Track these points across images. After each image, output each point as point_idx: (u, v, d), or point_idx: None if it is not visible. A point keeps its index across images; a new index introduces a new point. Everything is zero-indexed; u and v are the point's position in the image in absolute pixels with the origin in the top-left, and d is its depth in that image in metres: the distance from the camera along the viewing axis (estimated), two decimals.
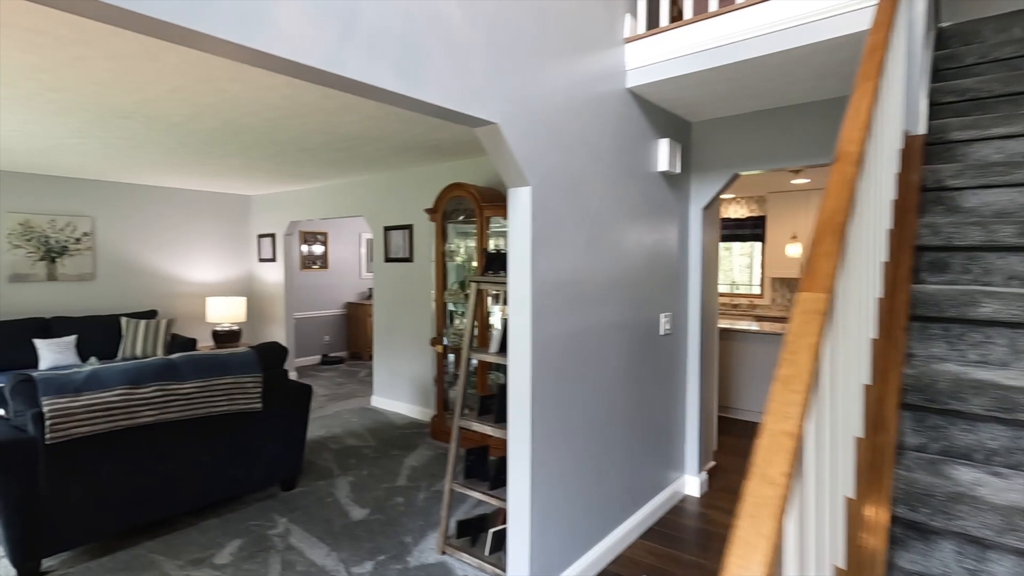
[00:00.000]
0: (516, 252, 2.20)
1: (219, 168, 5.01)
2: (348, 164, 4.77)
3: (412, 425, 4.88)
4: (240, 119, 3.29)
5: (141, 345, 5.47)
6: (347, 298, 8.25)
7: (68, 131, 3.59)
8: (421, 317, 5.05)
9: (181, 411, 2.91)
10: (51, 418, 2.48)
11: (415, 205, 5.08)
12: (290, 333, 6.74)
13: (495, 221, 4.18)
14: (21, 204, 5.34)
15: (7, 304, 5.27)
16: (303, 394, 3.50)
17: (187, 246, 6.54)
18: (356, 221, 8.24)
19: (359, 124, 3.43)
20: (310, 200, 6.28)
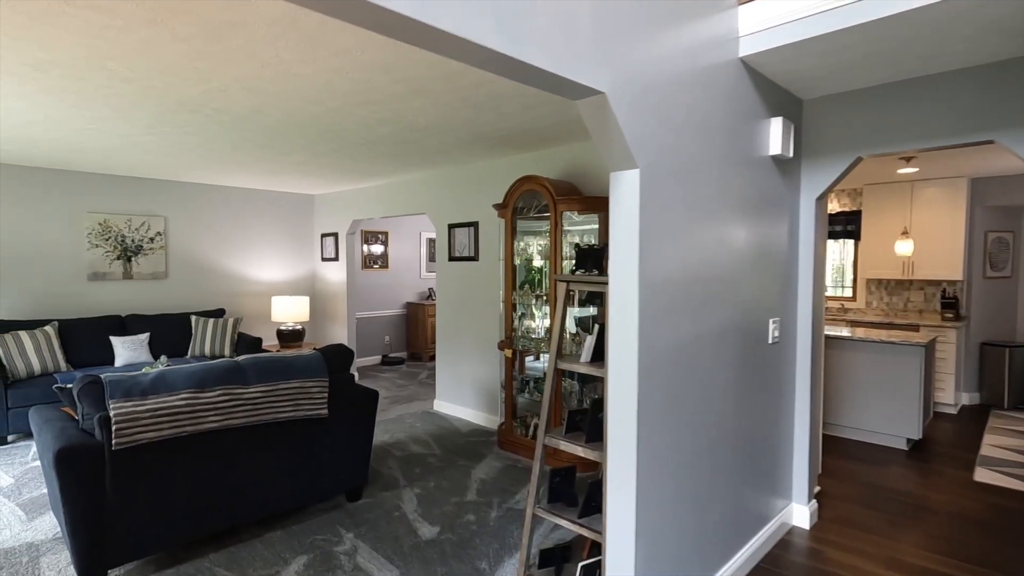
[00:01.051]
0: (620, 246, 1.88)
1: (283, 165, 4.94)
2: (412, 158, 4.58)
3: (477, 433, 4.63)
4: (306, 108, 3.12)
5: (209, 344, 5.50)
6: (407, 298, 8.15)
7: (139, 127, 3.55)
8: (487, 319, 4.80)
9: (246, 417, 2.76)
10: (117, 423, 2.37)
11: (481, 201, 4.84)
12: (352, 333, 6.67)
13: (567, 217, 3.86)
14: (100, 204, 5.47)
15: (87, 302, 5.41)
16: (369, 400, 3.30)
17: (253, 245, 6.58)
18: (416, 220, 8.12)
19: (428, 112, 3.20)
20: (373, 198, 6.17)
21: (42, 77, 2.60)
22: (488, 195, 4.77)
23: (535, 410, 4.31)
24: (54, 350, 4.71)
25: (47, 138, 3.87)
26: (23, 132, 3.68)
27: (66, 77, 2.61)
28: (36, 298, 5.12)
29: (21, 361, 4.48)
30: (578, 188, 4.02)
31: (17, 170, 5.00)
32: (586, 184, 4.03)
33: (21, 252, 5.04)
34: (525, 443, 4.07)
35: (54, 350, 4.71)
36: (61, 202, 5.24)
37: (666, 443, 2.01)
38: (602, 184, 3.93)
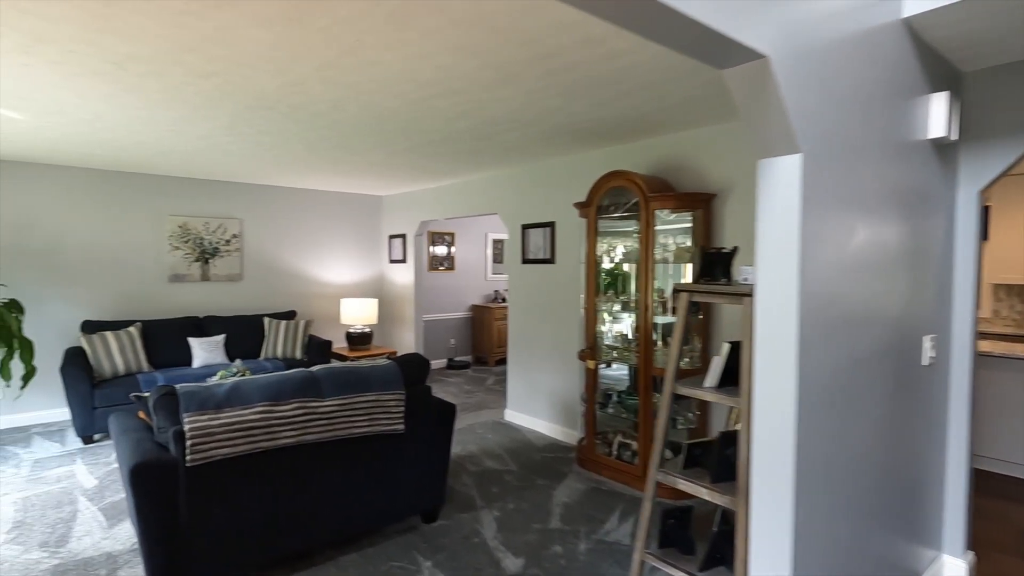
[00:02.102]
0: (772, 248, 1.52)
1: (356, 166, 4.83)
2: (487, 156, 4.34)
3: (554, 448, 4.33)
4: (384, 103, 2.92)
5: (281, 346, 5.48)
6: (472, 300, 7.96)
7: (218, 127, 3.48)
8: (564, 325, 4.49)
9: (321, 432, 2.58)
10: (192, 437, 2.23)
11: (558, 200, 4.53)
12: (419, 336, 6.53)
13: (657, 217, 3.49)
14: (181, 207, 5.57)
15: (167, 303, 5.52)
16: (447, 413, 3.07)
17: (323, 247, 6.57)
18: (482, 221, 7.92)
19: (512, 102, 2.92)
20: (441, 198, 6.00)
21: (124, 75, 2.52)
22: (566, 193, 4.46)
23: (618, 426, 3.96)
24: (137, 351, 4.79)
25: (133, 141, 3.89)
26: (110, 136, 3.71)
27: (146, 74, 2.51)
28: (121, 299, 5.26)
29: (107, 361, 4.57)
30: (670, 184, 3.64)
31: (107, 175, 5.14)
32: (679, 180, 3.64)
33: (109, 254, 5.18)
34: (609, 463, 3.73)
35: (137, 351, 4.79)
36: (145, 206, 5.36)
37: (825, 492, 1.63)
38: (698, 179, 3.53)
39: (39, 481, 3.59)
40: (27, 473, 3.73)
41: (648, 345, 3.46)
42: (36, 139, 3.81)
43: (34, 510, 3.19)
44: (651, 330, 3.45)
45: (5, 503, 3.28)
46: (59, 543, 2.82)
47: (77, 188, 5.00)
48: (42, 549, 2.76)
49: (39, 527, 2.98)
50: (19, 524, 3.02)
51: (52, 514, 3.14)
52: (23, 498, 3.34)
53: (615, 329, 4.05)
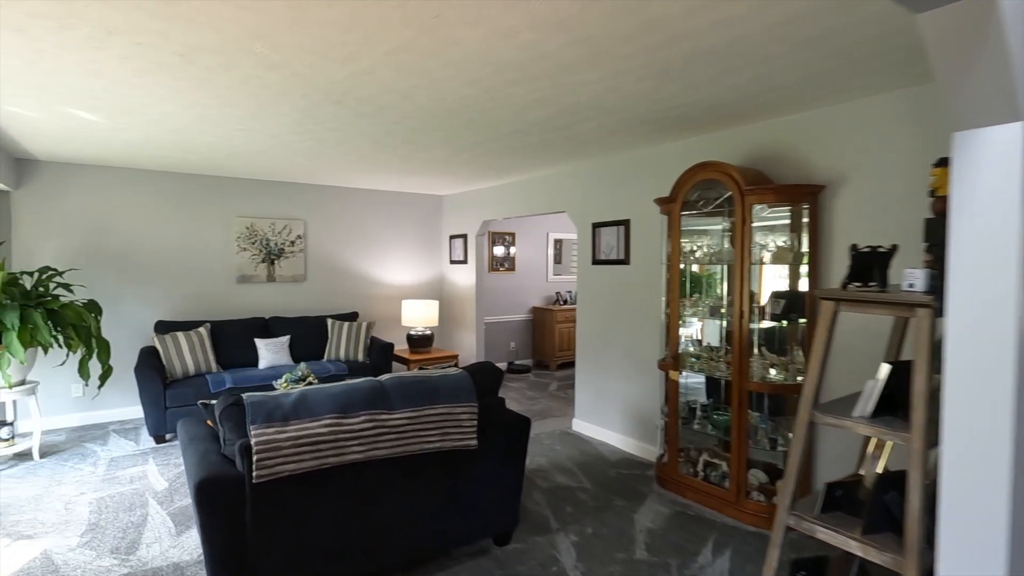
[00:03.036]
0: (974, 247, 1.18)
1: (420, 164, 4.68)
2: (558, 150, 4.07)
3: (629, 463, 4.01)
4: (457, 91, 2.71)
5: (344, 348, 5.41)
6: (533, 302, 7.71)
7: (285, 124, 3.38)
8: (640, 331, 4.16)
9: (390, 447, 2.39)
10: (258, 452, 2.08)
11: (633, 196, 4.21)
12: (480, 339, 6.34)
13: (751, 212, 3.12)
14: (248, 209, 5.61)
15: (235, 304, 5.57)
16: (521, 428, 2.82)
17: (384, 248, 6.50)
18: (544, 220, 7.66)
19: (597, 86, 2.64)
20: (504, 197, 5.78)
21: (191, 69, 2.42)
22: (643, 189, 4.12)
23: (703, 443, 3.60)
24: (206, 350, 4.83)
25: (203, 142, 3.87)
26: (180, 137, 3.69)
27: (213, 67, 2.40)
28: (191, 300, 5.34)
29: (178, 361, 4.62)
30: (767, 176, 3.26)
31: (179, 177, 5.22)
32: (776, 171, 3.25)
33: (181, 256, 5.27)
34: (694, 485, 3.38)
35: (206, 350, 4.83)
36: (215, 207, 5.42)
37: None
38: (799, 170, 3.13)
39: (113, 481, 3.61)
40: (103, 472, 3.77)
41: (743, 355, 3.09)
42: (112, 141, 3.85)
43: (108, 512, 3.18)
44: (747, 338, 3.08)
45: (82, 503, 3.29)
46: (129, 549, 2.77)
47: (152, 191, 5.10)
48: (113, 556, 2.71)
49: (111, 531, 2.96)
50: (93, 527, 3.00)
51: (124, 517, 3.11)
52: (98, 499, 3.36)
53: (699, 336, 3.69)
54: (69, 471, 3.79)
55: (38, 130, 3.55)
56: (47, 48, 2.20)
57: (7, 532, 2.95)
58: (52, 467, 3.86)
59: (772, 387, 3.10)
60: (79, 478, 3.67)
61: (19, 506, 3.25)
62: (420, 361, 5.72)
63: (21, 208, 4.59)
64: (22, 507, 3.24)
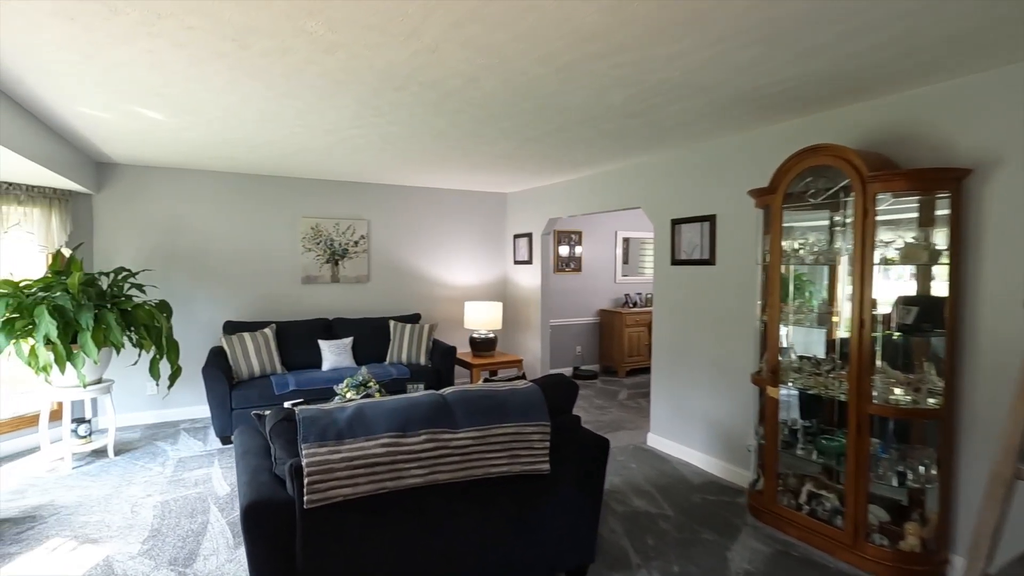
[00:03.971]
0: None
1: (484, 159, 4.43)
2: (634, 138, 3.69)
3: (715, 488, 3.58)
4: (529, 70, 2.42)
5: (406, 351, 5.26)
6: (600, 304, 7.32)
7: (343, 118, 3.21)
8: (729, 339, 3.71)
9: (453, 471, 2.13)
10: (310, 474, 1.87)
11: (720, 189, 3.77)
12: (545, 343, 6.04)
13: None
14: (313, 209, 5.58)
15: (300, 304, 5.55)
16: (599, 451, 2.49)
17: (446, 248, 6.32)
18: (612, 218, 7.25)
19: (691, 58, 2.27)
20: (572, 194, 5.44)
21: (246, 55, 2.26)
22: (732, 181, 3.68)
23: (805, 470, 3.13)
24: (271, 351, 4.80)
25: (264, 140, 3.79)
26: (242, 135, 3.62)
27: (268, 53, 2.23)
28: (259, 300, 5.35)
29: (244, 362, 4.61)
30: (891, 160, 2.75)
31: (246, 178, 5.25)
32: (903, 155, 2.73)
33: (249, 256, 5.29)
34: (797, 520, 2.92)
35: (271, 351, 4.80)
36: (281, 208, 5.42)
37: None
38: (934, 152, 2.61)
39: (179, 484, 3.59)
40: (170, 473, 3.76)
41: (863, 372, 2.61)
42: (178, 141, 3.85)
43: (170, 517, 3.12)
44: (869, 352, 2.60)
45: (147, 506, 3.26)
46: (187, 561, 2.67)
47: (222, 192, 5.15)
48: (171, 567, 2.61)
49: (171, 539, 2.88)
50: (155, 533, 2.94)
51: (185, 524, 3.04)
52: (163, 502, 3.32)
53: (801, 346, 3.22)
54: (139, 471, 3.81)
55: (111, 132, 3.57)
56: (101, 39, 2.10)
57: (75, 534, 2.93)
58: (124, 466, 3.90)
59: (899, 411, 2.60)
60: (148, 478, 3.67)
61: (90, 506, 3.26)
62: (483, 365, 5.49)
63: (102, 210, 4.73)
64: (92, 507, 3.24)
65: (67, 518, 3.11)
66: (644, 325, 7.04)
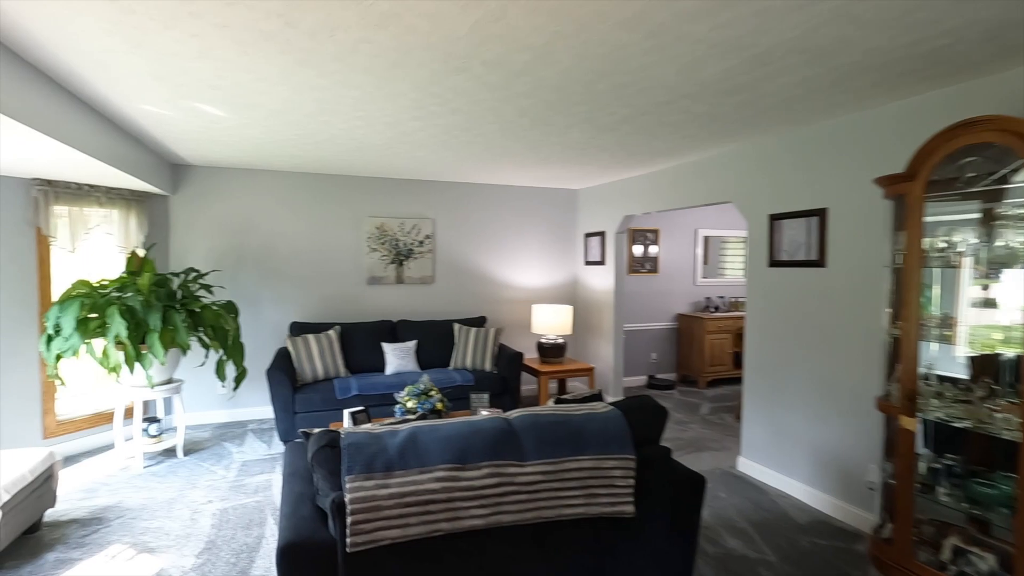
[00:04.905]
0: None
1: (553, 152, 4.08)
2: (729, 121, 3.22)
3: (827, 530, 3.04)
4: (610, 38, 2.05)
5: (471, 356, 5.01)
6: (678, 308, 6.78)
7: (403, 107, 2.97)
8: (844, 354, 3.16)
9: (520, 511, 1.80)
10: (354, 512, 1.61)
11: (834, 178, 3.22)
12: (619, 350, 5.60)
13: None
14: (378, 208, 5.45)
15: (364, 305, 5.44)
16: (693, 490, 2.09)
17: (513, 248, 6.02)
18: (692, 215, 6.69)
19: (814, 11, 1.82)
20: (651, 188, 4.98)
21: (294, 35, 2.04)
22: (848, 168, 3.12)
23: (945, 517, 2.55)
24: (335, 354, 4.69)
25: (326, 136, 3.64)
26: (303, 131, 3.48)
27: (317, 32, 2.00)
28: (324, 301, 5.29)
29: (308, 365, 4.52)
30: None
31: (313, 178, 5.19)
32: None
33: (315, 256, 5.24)
34: None
35: (335, 354, 4.69)
36: (347, 207, 5.33)
37: None
38: None
39: (240, 490, 3.50)
40: (233, 478, 3.70)
41: None
42: (242, 140, 3.77)
43: (227, 528, 3.01)
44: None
45: (206, 514, 3.18)
46: None
47: (288, 192, 5.12)
48: None
49: (225, 553, 2.75)
50: (210, 545, 2.83)
51: (241, 537, 2.91)
52: (222, 510, 3.23)
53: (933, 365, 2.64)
54: (204, 473, 3.77)
55: (179, 132, 3.54)
56: (144, 22, 1.94)
57: (135, 541, 2.87)
58: (191, 467, 3.89)
59: None
60: (211, 482, 3.62)
61: (153, 509, 3.22)
62: (552, 373, 5.15)
63: (178, 211, 4.80)
64: (155, 511, 3.20)
65: (130, 522, 3.07)
66: (729, 332, 6.43)
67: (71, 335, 3.43)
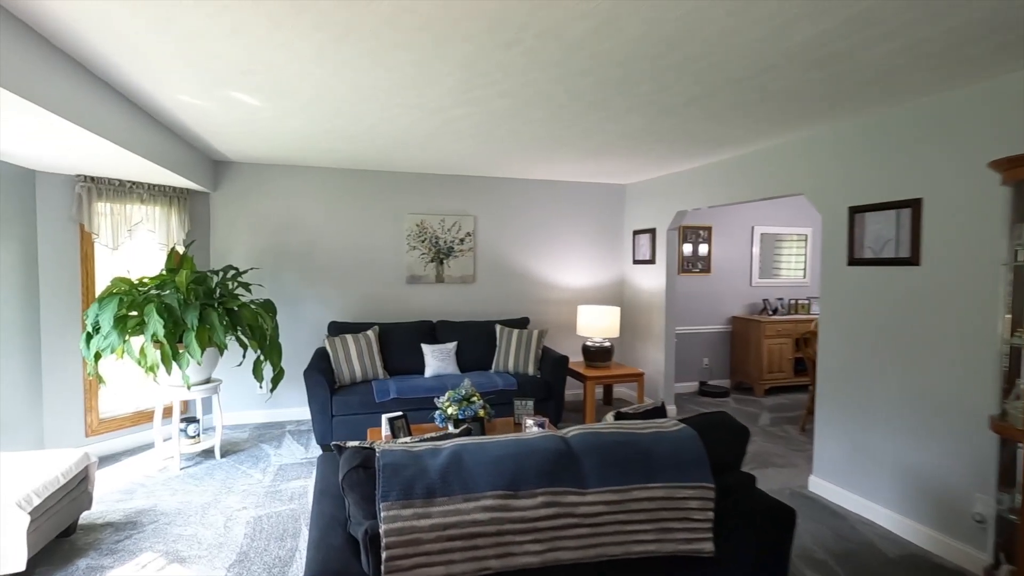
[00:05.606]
0: None
1: (605, 141, 3.80)
2: (809, 100, 2.87)
3: (922, 566, 2.65)
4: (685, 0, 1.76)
5: (513, 359, 4.77)
6: (733, 311, 6.36)
7: (448, 91, 2.75)
8: (941, 365, 2.76)
9: (582, 547, 1.54)
10: (391, 546, 1.38)
11: (930, 164, 2.82)
12: (670, 355, 5.25)
13: None
14: (418, 205, 5.28)
15: (404, 305, 5.27)
16: (782, 524, 1.78)
17: (557, 246, 5.75)
18: (748, 210, 6.27)
19: None
20: (707, 182, 4.63)
21: (329, 5, 1.84)
22: (949, 152, 2.72)
23: None
24: (373, 355, 4.53)
25: (365, 124, 3.46)
26: (343, 122, 3.32)
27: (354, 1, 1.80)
28: (363, 300, 5.15)
29: (346, 366, 4.37)
30: None
31: (352, 174, 5.06)
32: None
33: (355, 255, 5.11)
34: None
35: (373, 355, 4.53)
36: (387, 204, 5.18)
37: None
38: None
39: (275, 496, 3.36)
40: (269, 483, 3.57)
41: None
42: (282, 133, 3.64)
43: (260, 539, 2.86)
44: None
45: (240, 522, 3.04)
46: None
47: (328, 188, 5.00)
48: None
49: (257, 567, 2.59)
50: (242, 557, 2.68)
51: (274, 549, 2.75)
52: (256, 518, 3.09)
53: None
54: (240, 477, 3.66)
55: (217, 125, 3.44)
56: None
57: (167, 549, 2.75)
58: (227, 470, 3.78)
59: None
60: (247, 487, 3.50)
61: (187, 515, 3.11)
62: (598, 378, 4.85)
63: (218, 209, 4.75)
64: (189, 517, 3.09)
65: (164, 528, 2.96)
66: (788, 336, 5.98)
67: (109, 333, 3.37)
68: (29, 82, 2.05)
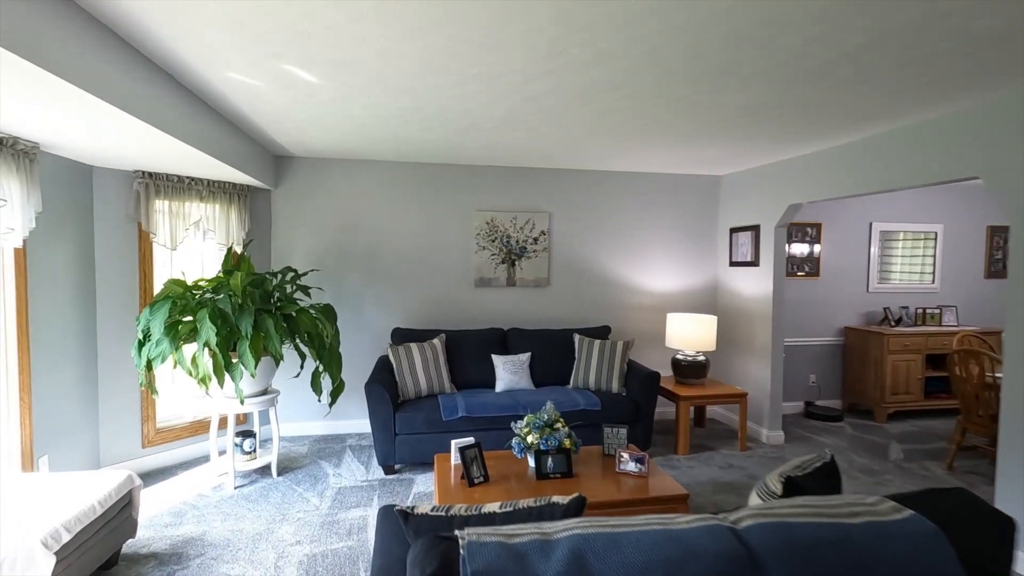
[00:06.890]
0: None
1: (709, 122, 3.17)
2: (974, 62, 2.14)
3: None
4: None
5: (595, 374, 4.21)
6: (846, 320, 5.50)
7: (534, 54, 2.24)
8: None
9: None
10: None
11: None
12: (777, 372, 4.52)
13: None
14: (487, 201, 4.82)
15: (471, 310, 4.83)
16: None
17: (642, 246, 5.12)
18: (865, 204, 5.39)
19: None
20: (827, 168, 3.88)
21: None
22: None
23: None
24: (439, 366, 4.11)
25: (435, 103, 3.02)
26: (410, 100, 2.88)
27: None
28: (428, 305, 4.75)
29: (410, 378, 3.96)
30: None
31: (419, 168, 4.67)
32: None
33: (421, 256, 4.71)
34: None
35: (439, 366, 4.11)
36: (453, 200, 4.76)
37: None
38: None
39: (332, 529, 2.97)
40: (326, 510, 3.20)
41: None
42: (343, 119, 3.27)
43: None
44: None
45: (292, 560, 2.66)
46: None
47: (392, 184, 4.63)
48: None
49: None
50: None
51: None
52: (310, 556, 2.70)
53: None
54: (296, 501, 3.31)
55: (273, 111, 3.10)
56: None
57: None
58: (283, 491, 3.45)
59: None
60: (302, 515, 3.14)
61: (236, 548, 2.77)
62: (693, 398, 4.20)
63: (279, 206, 4.48)
64: (238, 551, 2.74)
65: (210, 564, 2.62)
66: (917, 352, 5.07)
67: (160, 340, 3.10)
68: (87, 71, 1.71)
